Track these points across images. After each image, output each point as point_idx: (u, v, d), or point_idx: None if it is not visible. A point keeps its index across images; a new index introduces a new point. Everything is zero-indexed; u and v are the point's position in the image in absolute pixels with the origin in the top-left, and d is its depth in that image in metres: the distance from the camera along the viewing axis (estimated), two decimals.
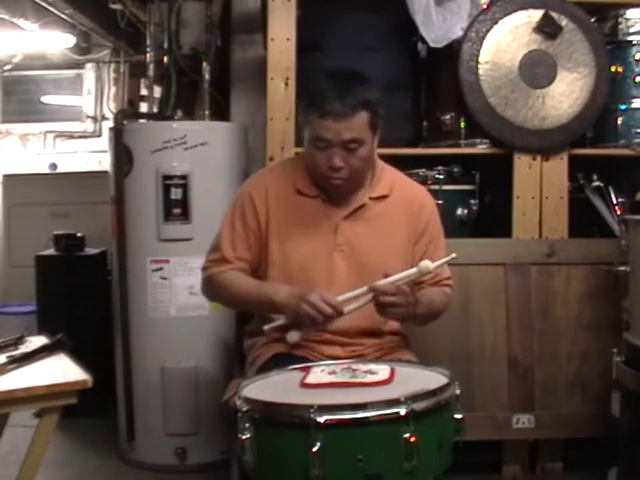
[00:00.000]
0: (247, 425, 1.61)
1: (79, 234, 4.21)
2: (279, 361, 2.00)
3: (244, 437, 1.60)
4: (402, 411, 1.53)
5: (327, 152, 2.04)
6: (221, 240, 2.17)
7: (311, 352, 2.09)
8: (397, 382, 1.74)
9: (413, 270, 1.98)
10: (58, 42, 5.72)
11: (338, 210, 2.15)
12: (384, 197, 2.19)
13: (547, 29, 2.88)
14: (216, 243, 2.19)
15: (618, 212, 2.81)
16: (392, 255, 2.14)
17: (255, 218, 2.15)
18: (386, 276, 1.98)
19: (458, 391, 1.67)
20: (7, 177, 5.88)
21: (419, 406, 1.55)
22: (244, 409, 1.62)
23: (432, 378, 1.72)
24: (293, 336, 2.00)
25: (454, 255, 2.01)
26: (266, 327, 2.05)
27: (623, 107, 2.96)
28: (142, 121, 3.54)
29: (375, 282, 1.97)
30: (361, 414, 1.53)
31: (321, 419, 1.51)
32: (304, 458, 1.51)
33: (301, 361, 1.97)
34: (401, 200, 2.20)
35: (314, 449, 1.50)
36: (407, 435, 1.52)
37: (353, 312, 2.01)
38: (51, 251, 4.17)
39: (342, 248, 2.12)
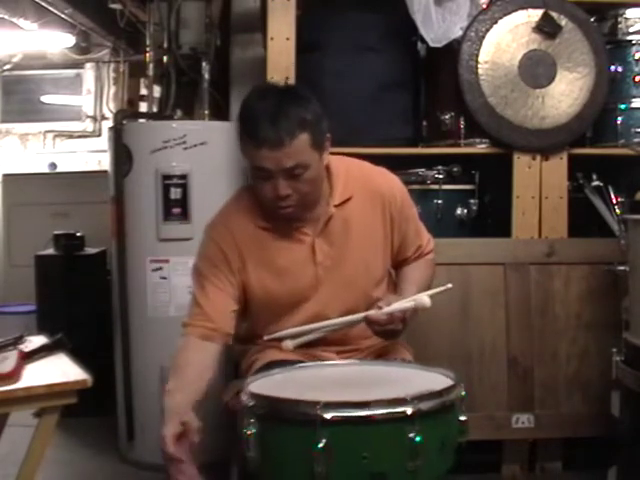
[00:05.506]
0: (252, 420, 1.60)
1: (79, 234, 4.21)
2: (274, 368, 1.95)
3: (249, 432, 1.59)
4: (408, 410, 1.52)
5: (271, 182, 1.90)
6: (198, 298, 2.03)
7: (306, 358, 2.06)
8: (402, 382, 1.73)
9: (409, 304, 1.94)
10: (58, 42, 5.74)
11: (308, 230, 2.05)
12: (348, 200, 2.07)
13: (547, 29, 2.88)
14: (194, 301, 2.04)
15: (617, 212, 2.81)
16: (373, 253, 2.11)
17: (228, 266, 2.03)
18: (379, 308, 1.93)
19: (463, 393, 1.66)
20: (7, 177, 5.87)
21: (425, 406, 1.54)
22: (250, 404, 1.62)
23: (437, 379, 1.72)
24: (288, 344, 2.03)
25: (450, 286, 2.00)
26: (266, 337, 2.07)
27: (623, 107, 2.96)
28: (142, 121, 3.54)
29: (369, 311, 1.95)
30: (367, 412, 1.52)
31: (327, 416, 1.50)
32: (309, 455, 1.50)
33: None
34: (366, 195, 2.09)
35: (319, 446, 1.49)
36: (412, 434, 1.52)
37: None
38: (51, 251, 4.17)
39: (325, 265, 2.05)
